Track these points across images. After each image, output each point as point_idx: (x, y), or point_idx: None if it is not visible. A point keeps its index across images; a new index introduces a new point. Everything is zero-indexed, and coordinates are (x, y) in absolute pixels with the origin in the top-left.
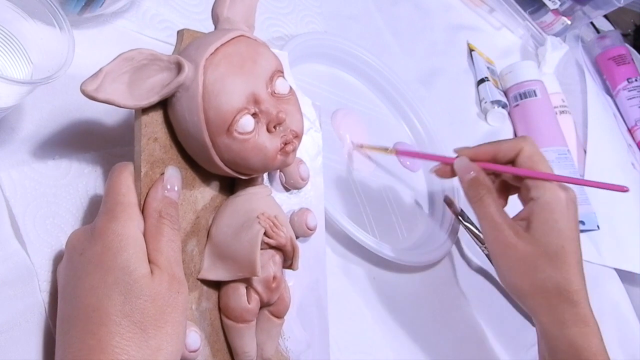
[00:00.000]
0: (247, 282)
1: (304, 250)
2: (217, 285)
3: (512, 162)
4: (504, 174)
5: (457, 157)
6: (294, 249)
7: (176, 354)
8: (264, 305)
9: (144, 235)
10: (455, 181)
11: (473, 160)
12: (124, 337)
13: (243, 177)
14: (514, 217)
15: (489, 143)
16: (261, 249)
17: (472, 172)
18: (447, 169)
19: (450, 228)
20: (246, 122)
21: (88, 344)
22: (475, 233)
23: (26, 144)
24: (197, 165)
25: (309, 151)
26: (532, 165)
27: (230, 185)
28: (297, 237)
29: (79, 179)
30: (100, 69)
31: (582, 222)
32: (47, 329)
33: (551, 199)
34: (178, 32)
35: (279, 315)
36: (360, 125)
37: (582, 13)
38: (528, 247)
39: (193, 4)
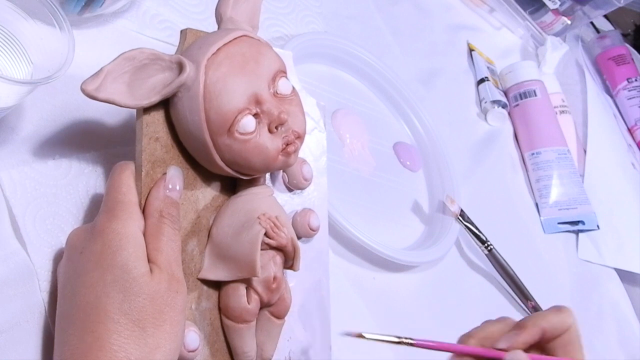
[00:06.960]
0: (247, 282)
1: (307, 251)
2: (217, 285)
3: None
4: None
5: (500, 349)
6: (295, 250)
7: (174, 352)
8: (264, 305)
9: (145, 235)
10: (455, 181)
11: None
12: (122, 335)
13: (244, 178)
14: None
15: (529, 326)
16: (262, 249)
17: None
18: None
19: (450, 228)
20: (247, 123)
21: (86, 341)
22: (476, 233)
23: (26, 144)
24: (199, 165)
25: (313, 151)
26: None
27: (232, 185)
28: (299, 238)
29: (79, 178)
30: (101, 69)
31: (582, 222)
32: (47, 329)
33: None
34: (181, 31)
35: (280, 316)
36: (360, 125)
37: (582, 13)
38: None
39: (193, 4)
